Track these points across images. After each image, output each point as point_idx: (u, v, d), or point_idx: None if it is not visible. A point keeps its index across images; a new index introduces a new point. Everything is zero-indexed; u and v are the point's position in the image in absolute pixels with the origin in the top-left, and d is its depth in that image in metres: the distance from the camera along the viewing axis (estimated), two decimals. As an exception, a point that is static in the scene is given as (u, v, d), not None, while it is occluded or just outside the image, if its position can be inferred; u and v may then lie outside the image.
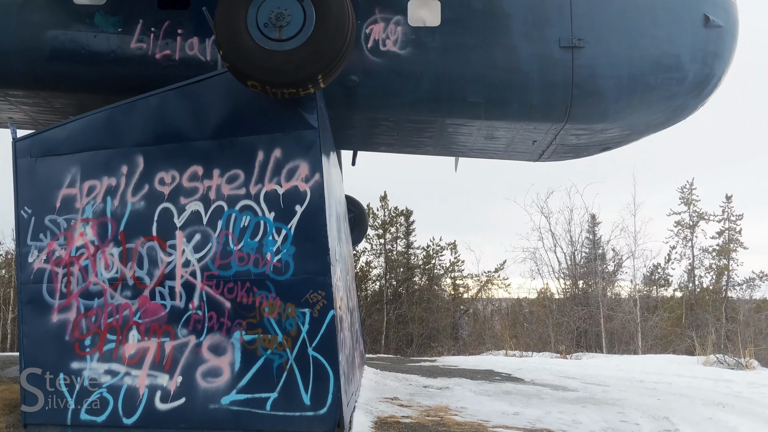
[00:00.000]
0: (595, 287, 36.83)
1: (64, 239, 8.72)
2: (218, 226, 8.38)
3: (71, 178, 8.86)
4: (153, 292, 8.38)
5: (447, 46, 10.15)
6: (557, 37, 10.20)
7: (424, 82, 10.15)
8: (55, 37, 10.27)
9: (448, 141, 11.60)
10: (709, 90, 10.98)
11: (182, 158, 8.62)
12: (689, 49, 10.52)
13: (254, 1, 7.76)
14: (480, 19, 10.22)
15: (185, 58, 10.17)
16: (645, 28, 10.37)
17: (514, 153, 12.08)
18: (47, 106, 11.00)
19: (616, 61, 10.28)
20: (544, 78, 10.18)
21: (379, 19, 10.18)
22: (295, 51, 7.66)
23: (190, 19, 10.23)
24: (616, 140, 11.57)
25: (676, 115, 11.22)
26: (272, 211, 8.27)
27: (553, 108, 10.30)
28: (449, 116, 10.53)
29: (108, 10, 10.32)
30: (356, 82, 10.12)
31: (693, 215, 43.07)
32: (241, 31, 7.71)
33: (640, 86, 10.38)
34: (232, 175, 8.46)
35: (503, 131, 10.92)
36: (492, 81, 10.17)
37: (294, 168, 8.28)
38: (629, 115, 10.68)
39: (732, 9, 11.01)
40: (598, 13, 10.34)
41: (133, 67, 10.18)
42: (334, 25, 7.66)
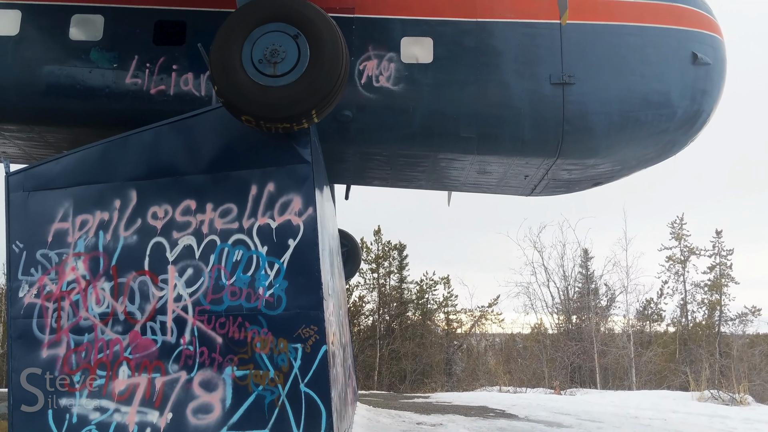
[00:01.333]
0: (589, 322, 36.73)
1: (56, 274, 8.66)
2: (210, 261, 8.33)
3: (64, 212, 8.83)
4: (144, 327, 8.29)
5: (439, 83, 10.27)
6: (548, 74, 10.35)
7: (417, 117, 10.25)
8: (50, 73, 10.35)
9: (440, 175, 11.66)
10: (698, 126, 11.12)
11: (175, 192, 8.61)
12: (678, 86, 10.67)
13: (249, 38, 7.86)
14: (472, 56, 10.36)
15: (180, 94, 10.24)
16: (634, 65, 10.53)
17: (506, 187, 12.14)
18: (41, 140, 11.03)
19: (607, 97, 10.41)
20: (536, 114, 10.29)
21: (373, 56, 10.32)
22: (290, 87, 7.73)
23: (185, 54, 10.34)
24: (608, 175, 11.66)
25: (666, 151, 11.33)
26: (265, 245, 8.24)
27: (544, 143, 10.39)
28: (442, 151, 10.60)
29: (104, 46, 10.43)
30: (350, 117, 10.20)
31: (684, 250, 43.24)
32: (235, 67, 7.79)
33: (631, 122, 10.50)
34: (225, 209, 8.45)
35: (495, 166, 10.99)
36: (484, 116, 10.27)
37: (287, 202, 8.28)
38: (620, 150, 10.78)
39: (719, 47, 11.21)
40: (588, 50, 10.50)
41: (127, 102, 10.25)
42: (328, 62, 7.75)
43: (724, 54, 11.33)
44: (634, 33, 10.67)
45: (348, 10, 10.49)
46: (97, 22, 10.58)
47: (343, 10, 10.43)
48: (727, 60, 11.42)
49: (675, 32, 10.84)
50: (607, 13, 10.74)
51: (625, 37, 10.64)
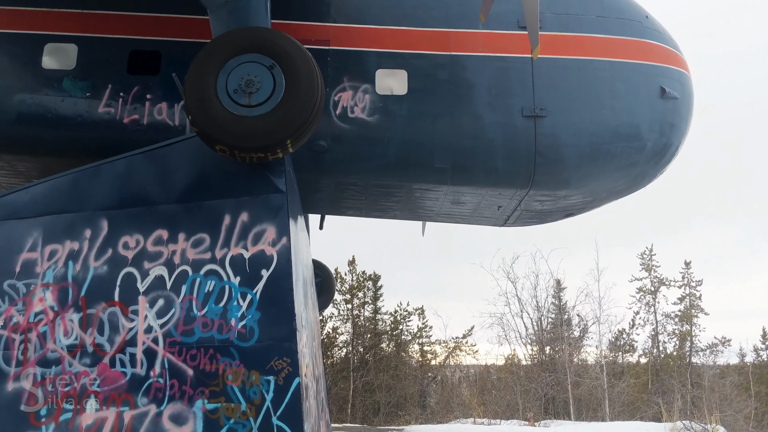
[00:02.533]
0: (562, 353, 36.82)
1: (23, 305, 8.47)
2: (182, 291, 8.22)
3: (33, 242, 8.68)
4: (113, 359, 8.11)
5: (414, 114, 10.37)
6: (520, 107, 10.50)
7: (392, 148, 10.31)
8: (21, 101, 10.26)
9: (415, 205, 11.71)
10: (667, 159, 11.33)
11: (147, 222, 8.52)
12: (647, 119, 10.90)
13: (224, 68, 7.88)
14: (445, 88, 10.50)
15: (153, 123, 10.20)
16: (604, 99, 10.74)
17: (480, 218, 12.22)
18: (11, 169, 10.88)
19: (578, 130, 10.58)
20: (508, 145, 10.41)
21: (348, 87, 10.40)
22: (265, 117, 7.75)
23: (159, 84, 10.32)
24: (579, 206, 11.80)
25: (636, 183, 11.52)
26: (238, 275, 8.16)
27: (517, 175, 10.50)
28: (416, 181, 10.66)
29: (77, 75, 10.37)
30: (325, 147, 10.23)
31: (654, 281, 43.74)
32: (210, 97, 7.79)
33: (601, 154, 10.66)
34: (198, 239, 8.37)
35: (469, 196, 11.07)
36: (458, 148, 10.37)
37: (261, 232, 8.24)
38: (591, 182, 10.93)
39: (687, 81, 11.50)
40: (559, 84, 10.70)
41: (100, 131, 10.17)
42: (303, 92, 7.79)
43: (692, 89, 11.62)
44: (604, 68, 10.90)
45: (323, 42, 10.59)
46: (70, 51, 10.53)
47: (319, 42, 10.52)
48: (695, 95, 11.70)
49: (644, 67, 11.09)
50: (577, 49, 10.98)
51: (595, 72, 10.86)
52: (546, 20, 10.86)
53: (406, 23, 10.83)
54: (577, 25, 11.10)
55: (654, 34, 11.46)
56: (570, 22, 11.10)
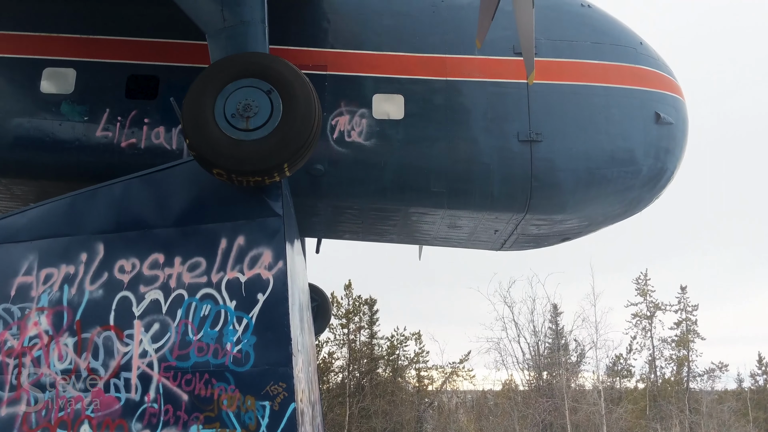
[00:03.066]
0: (560, 378, 36.59)
1: (17, 329, 8.41)
2: (178, 315, 8.17)
3: (28, 265, 8.64)
4: (107, 384, 8.04)
5: (410, 138, 10.43)
6: (516, 131, 10.57)
7: (388, 172, 10.35)
8: (19, 125, 10.29)
9: (412, 229, 11.72)
10: (662, 184, 11.39)
11: (144, 246, 8.50)
12: (642, 144, 10.96)
13: (222, 92, 7.92)
14: (442, 113, 10.57)
15: (151, 147, 10.23)
16: (600, 124, 10.81)
17: (476, 242, 12.23)
18: (7, 192, 10.88)
19: (573, 154, 10.63)
20: (504, 170, 10.46)
21: (345, 112, 10.47)
22: (262, 141, 7.78)
23: (156, 108, 10.37)
24: (576, 231, 11.82)
25: (632, 207, 11.56)
26: (234, 299, 8.12)
27: (513, 199, 10.53)
28: (413, 205, 10.68)
29: (75, 99, 10.43)
30: (322, 171, 10.26)
31: (650, 305, 43.69)
32: (208, 121, 7.82)
33: (597, 179, 10.71)
34: (194, 263, 8.35)
35: (466, 220, 11.09)
36: (454, 172, 10.41)
37: (257, 255, 8.22)
38: (587, 206, 10.96)
39: (681, 107, 11.60)
40: (554, 109, 10.77)
41: (97, 155, 10.20)
42: (300, 117, 7.83)
43: (686, 114, 11.71)
44: (599, 93, 10.99)
45: (321, 67, 10.68)
46: (68, 76, 10.59)
47: (316, 67, 10.62)
48: (689, 120, 11.79)
49: (638, 93, 11.19)
50: (572, 74, 11.07)
51: (590, 97, 10.94)
52: (541, 46, 10.98)
53: (403, 49, 10.94)
54: (572, 52, 11.21)
55: (648, 60, 11.59)
56: (565, 49, 11.22)
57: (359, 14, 11.20)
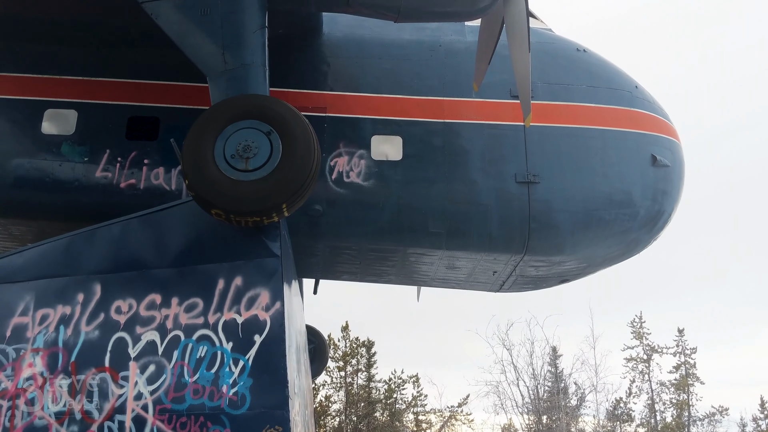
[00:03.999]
0: (560, 422, 36.09)
1: (12, 370, 8.31)
2: (174, 357, 8.09)
3: (24, 306, 8.58)
4: (101, 427, 7.91)
5: (408, 179, 10.49)
6: (513, 173, 10.64)
7: (387, 212, 10.38)
8: (19, 166, 10.35)
9: (410, 270, 11.69)
10: (660, 225, 11.41)
11: (141, 286, 8.46)
12: (639, 186, 11.02)
13: (223, 134, 7.99)
14: (440, 154, 10.65)
15: (150, 188, 10.27)
16: (596, 166, 10.89)
17: (475, 283, 12.19)
18: (5, 233, 10.87)
19: (571, 196, 10.68)
20: (502, 211, 10.49)
21: (344, 153, 10.56)
22: (261, 181, 7.81)
23: (157, 149, 10.45)
24: (574, 272, 11.80)
25: (630, 249, 11.57)
26: (230, 341, 8.05)
27: (511, 240, 10.54)
28: (411, 246, 10.68)
29: (75, 140, 10.51)
30: (320, 212, 10.29)
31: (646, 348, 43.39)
32: (207, 161, 7.87)
33: (595, 221, 10.74)
34: (191, 304, 8.30)
35: (464, 261, 11.07)
36: (452, 213, 10.44)
37: (254, 296, 8.18)
38: (585, 248, 10.97)
39: (677, 150, 11.70)
40: (551, 151, 10.86)
41: (96, 195, 10.24)
42: (299, 157, 7.88)
43: (682, 157, 11.81)
44: (596, 135, 11.09)
45: (320, 109, 10.81)
46: (70, 117, 10.69)
47: (316, 109, 10.75)
48: (685, 162, 11.88)
49: (634, 135, 11.30)
50: (569, 117, 11.20)
51: (586, 140, 11.04)
52: (537, 89, 11.13)
53: (401, 92, 11.09)
54: (569, 95, 11.36)
55: (644, 103, 11.73)
56: (561, 92, 11.37)
57: (358, 58, 11.38)
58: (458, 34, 11.84)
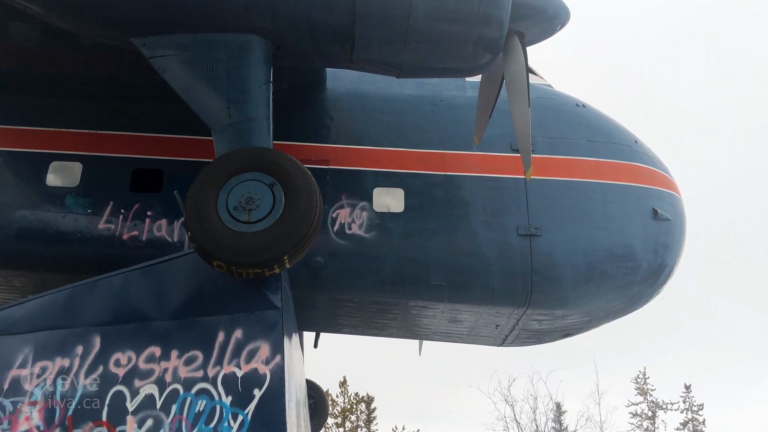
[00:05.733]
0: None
1: (8, 424, 8.18)
2: (172, 411, 7.97)
3: (23, 358, 8.50)
4: (97, 483, 7.77)
5: (410, 231, 10.51)
6: (515, 225, 10.67)
7: (388, 264, 10.37)
8: (23, 217, 10.40)
9: (412, 323, 11.61)
10: (663, 279, 11.39)
11: (140, 339, 8.40)
12: (641, 240, 11.04)
13: (226, 186, 8.04)
14: (441, 206, 10.71)
15: (152, 239, 10.30)
16: (598, 219, 10.93)
17: (477, 337, 12.08)
18: (6, 284, 10.85)
19: (573, 249, 10.68)
20: (505, 264, 10.48)
21: (346, 205, 10.61)
22: (263, 233, 7.82)
23: (160, 201, 10.52)
24: (577, 326, 11.71)
25: (633, 303, 11.51)
26: (229, 395, 7.95)
27: (514, 293, 10.49)
28: (413, 298, 10.63)
29: (79, 192, 10.59)
30: (321, 264, 10.28)
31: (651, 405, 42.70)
32: (210, 213, 7.90)
33: (597, 274, 10.72)
34: (190, 357, 8.22)
35: (466, 315, 11.00)
36: (454, 265, 10.43)
37: (254, 349, 8.11)
38: (588, 301, 10.92)
39: (678, 203, 11.76)
40: (553, 204, 10.92)
41: (98, 247, 10.26)
42: (301, 209, 7.91)
43: (683, 210, 11.86)
44: (596, 189, 11.17)
45: (323, 161, 10.92)
46: (74, 169, 10.79)
47: (319, 161, 10.86)
48: (686, 216, 11.92)
49: (635, 189, 11.38)
50: (569, 171, 11.29)
51: (587, 193, 11.11)
52: (538, 143, 11.26)
53: (403, 145, 11.22)
54: (569, 149, 11.48)
55: (643, 157, 11.85)
56: (561, 146, 11.49)
57: (361, 112, 11.56)
58: (459, 89, 12.05)
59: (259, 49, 8.64)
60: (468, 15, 8.37)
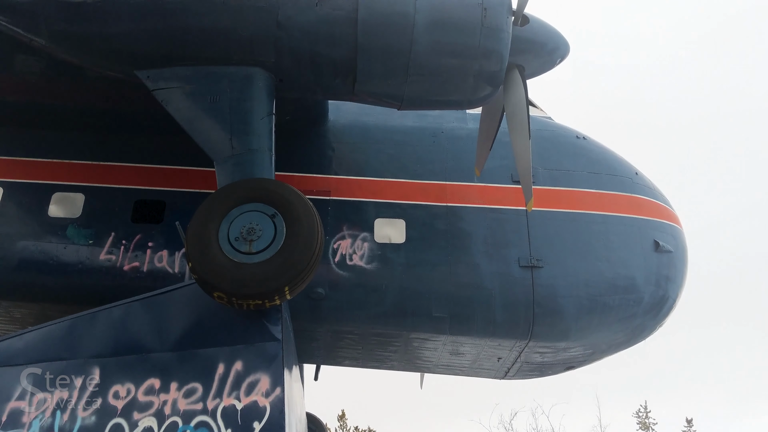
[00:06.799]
0: None
1: (6, 456, 8.10)
2: (170, 444, 7.89)
3: (22, 390, 8.43)
4: None
5: (412, 262, 10.49)
6: (517, 257, 10.65)
7: (389, 296, 10.33)
8: (24, 248, 10.41)
9: (413, 356, 11.52)
10: (665, 311, 11.33)
11: (140, 370, 8.34)
12: (643, 271, 11.01)
13: (227, 217, 8.05)
14: (443, 237, 10.71)
15: (153, 270, 10.29)
16: (599, 251, 10.92)
17: (479, 369, 11.98)
18: (6, 315, 10.82)
19: (575, 281, 10.65)
20: (507, 295, 10.44)
21: (347, 235, 10.62)
22: (264, 264, 7.81)
23: (161, 232, 10.53)
24: (580, 359, 11.62)
25: (636, 336, 11.44)
26: (229, 427, 7.86)
27: (516, 325, 10.43)
28: (414, 330, 10.56)
29: (81, 223, 10.60)
30: (322, 295, 10.25)
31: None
32: (211, 244, 7.89)
33: (599, 306, 10.67)
34: (190, 389, 8.15)
35: (468, 347, 10.93)
36: (456, 297, 10.39)
37: (254, 382, 8.04)
38: (591, 334, 10.85)
39: (679, 235, 11.76)
40: (554, 236, 10.92)
41: (99, 278, 10.24)
42: (303, 240, 7.90)
43: (685, 242, 11.86)
44: (597, 221, 11.18)
45: (324, 192, 10.95)
46: (77, 200, 10.83)
47: (320, 192, 10.90)
48: (688, 248, 11.90)
49: (636, 221, 11.38)
50: (570, 202, 11.31)
51: (588, 225, 11.12)
52: (538, 175, 11.30)
53: (405, 176, 11.26)
54: (569, 181, 11.52)
55: (644, 189, 11.88)
56: (562, 178, 11.53)
57: (362, 143, 11.63)
58: (460, 121, 12.14)
59: (262, 81, 8.72)
60: (469, 49, 8.45)
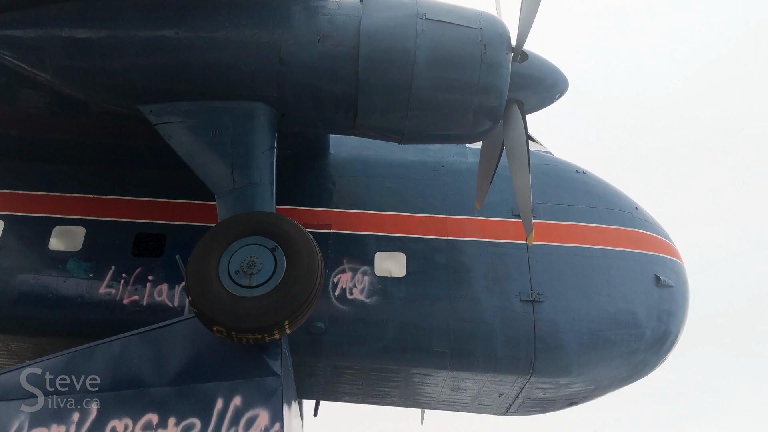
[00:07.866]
0: None
1: (2, 492, 7.97)
2: (167, 481, 7.78)
3: (18, 425, 8.33)
4: None
5: (412, 296, 10.46)
6: (518, 291, 10.62)
7: (390, 330, 10.27)
8: (24, 282, 10.39)
9: (413, 392, 11.40)
10: (667, 346, 11.27)
11: (138, 405, 8.25)
12: (644, 306, 10.98)
13: (228, 250, 8.04)
14: (443, 271, 10.68)
15: (152, 304, 10.26)
16: (601, 285, 10.89)
17: (481, 405, 11.85)
18: (5, 349, 10.76)
19: (576, 316, 10.60)
20: (508, 330, 10.38)
21: (347, 269, 10.60)
22: (264, 297, 7.78)
23: (162, 266, 10.52)
24: (582, 395, 11.51)
25: (638, 371, 11.36)
26: (227, 463, 7.78)
27: (517, 360, 10.36)
28: (415, 365, 10.48)
29: (82, 257, 10.59)
30: (322, 329, 10.19)
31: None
32: (211, 278, 7.87)
33: (601, 341, 10.60)
34: (188, 425, 8.06)
35: (469, 383, 10.82)
36: (456, 331, 10.33)
37: (253, 417, 7.96)
38: (592, 369, 10.77)
39: (680, 270, 11.74)
40: (555, 270, 10.90)
41: (98, 311, 10.21)
42: (303, 274, 7.89)
43: (686, 277, 11.83)
44: (598, 255, 11.17)
45: (325, 226, 10.97)
46: (78, 234, 10.84)
47: (321, 225, 10.91)
48: (689, 283, 11.87)
49: (637, 256, 11.38)
50: (570, 237, 11.32)
51: (589, 259, 11.10)
52: (539, 209, 11.33)
53: (405, 209, 11.30)
54: (570, 215, 11.54)
55: (645, 224, 11.89)
56: (562, 212, 11.56)
57: (363, 177, 11.69)
58: (460, 155, 12.21)
59: (264, 116, 8.80)
60: (468, 84, 8.53)
